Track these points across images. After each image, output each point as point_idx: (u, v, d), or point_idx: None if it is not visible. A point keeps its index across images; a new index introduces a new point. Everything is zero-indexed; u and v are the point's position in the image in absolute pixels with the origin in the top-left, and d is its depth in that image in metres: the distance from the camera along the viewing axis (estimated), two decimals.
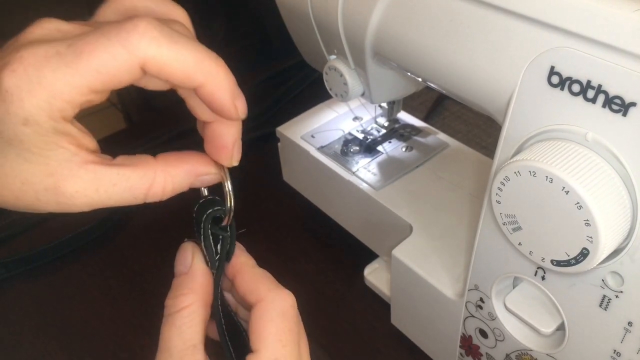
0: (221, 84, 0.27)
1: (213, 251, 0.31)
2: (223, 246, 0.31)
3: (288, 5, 0.48)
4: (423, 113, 0.76)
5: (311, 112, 0.62)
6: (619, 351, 0.32)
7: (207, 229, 0.30)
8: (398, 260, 0.45)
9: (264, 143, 0.67)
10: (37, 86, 0.23)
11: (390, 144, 0.57)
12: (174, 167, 0.28)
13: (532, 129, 0.31)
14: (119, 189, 0.26)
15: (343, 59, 0.47)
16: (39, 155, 0.24)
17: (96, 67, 0.23)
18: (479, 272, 0.38)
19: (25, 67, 0.23)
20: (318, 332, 0.52)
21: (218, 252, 0.31)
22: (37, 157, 0.24)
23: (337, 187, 0.55)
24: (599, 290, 0.31)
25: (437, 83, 0.39)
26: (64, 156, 0.25)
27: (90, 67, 0.23)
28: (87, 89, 0.24)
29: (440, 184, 0.52)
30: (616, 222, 0.28)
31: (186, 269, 0.29)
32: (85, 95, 0.24)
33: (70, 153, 0.25)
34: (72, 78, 0.23)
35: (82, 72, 0.23)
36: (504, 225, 0.32)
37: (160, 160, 0.28)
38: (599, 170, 0.28)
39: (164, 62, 0.25)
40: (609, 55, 0.27)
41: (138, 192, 0.27)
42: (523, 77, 0.31)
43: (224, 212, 0.31)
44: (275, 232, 0.61)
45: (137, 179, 0.26)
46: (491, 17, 0.32)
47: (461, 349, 0.44)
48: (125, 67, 0.24)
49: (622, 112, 0.27)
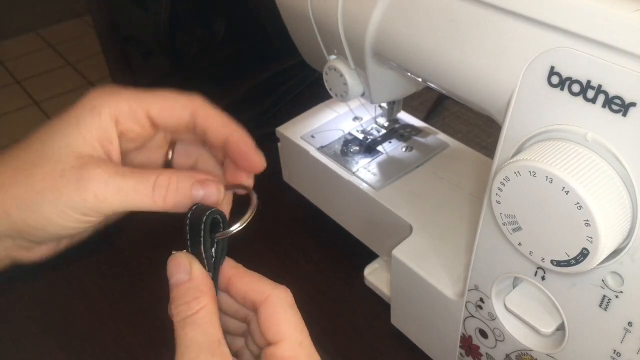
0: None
1: (211, 255, 0.31)
2: (219, 249, 0.31)
3: (288, 5, 0.48)
4: (423, 113, 0.76)
5: (311, 112, 0.62)
6: (619, 351, 0.32)
7: (207, 232, 0.30)
8: (398, 260, 0.45)
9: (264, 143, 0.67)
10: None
11: (390, 144, 0.57)
12: (178, 172, 0.31)
13: (532, 129, 0.31)
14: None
15: (343, 59, 0.47)
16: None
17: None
18: (478, 272, 0.38)
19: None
20: (318, 332, 0.52)
21: (213, 255, 0.31)
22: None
23: (337, 187, 0.55)
24: (599, 290, 0.31)
25: (437, 83, 0.39)
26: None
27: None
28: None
29: (440, 184, 0.52)
30: (616, 222, 0.28)
31: (187, 276, 0.30)
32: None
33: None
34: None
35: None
36: (503, 225, 0.32)
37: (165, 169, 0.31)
38: (599, 170, 0.28)
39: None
40: (609, 55, 0.27)
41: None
42: (523, 77, 0.31)
43: (219, 215, 0.31)
44: (275, 232, 0.61)
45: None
46: (491, 17, 0.32)
47: (461, 349, 0.44)
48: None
49: (622, 112, 0.27)
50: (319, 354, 0.52)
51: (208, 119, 0.33)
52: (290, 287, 0.31)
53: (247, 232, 0.46)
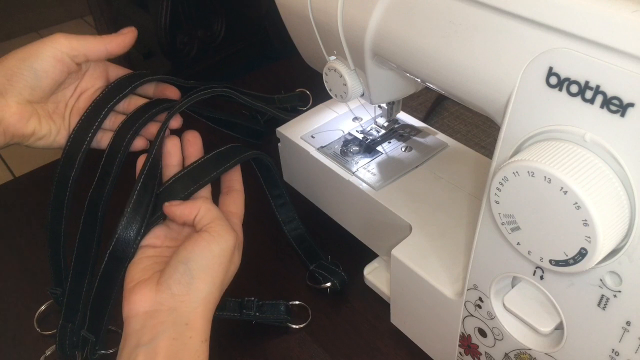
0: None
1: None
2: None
3: (288, 6, 0.48)
4: (422, 113, 0.76)
5: (311, 112, 0.62)
6: (618, 350, 0.33)
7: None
8: (397, 260, 0.45)
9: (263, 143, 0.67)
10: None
11: (389, 144, 0.57)
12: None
13: (530, 130, 0.31)
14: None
15: (343, 60, 0.47)
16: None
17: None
18: (477, 272, 0.39)
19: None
20: (318, 332, 0.53)
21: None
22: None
23: (337, 187, 0.55)
24: (598, 289, 0.31)
25: (436, 84, 0.39)
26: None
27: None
28: None
29: (439, 184, 0.52)
30: (614, 222, 0.28)
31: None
32: None
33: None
34: None
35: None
36: (502, 225, 0.33)
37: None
38: (597, 170, 0.28)
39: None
40: (607, 56, 0.27)
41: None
42: (521, 77, 0.31)
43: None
44: (275, 231, 0.61)
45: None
46: (490, 18, 0.32)
47: (460, 348, 0.44)
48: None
49: (620, 113, 0.27)
50: (319, 353, 0.52)
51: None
52: (290, 286, 0.31)
53: (247, 231, 0.46)
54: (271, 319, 0.52)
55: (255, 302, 0.51)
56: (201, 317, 0.39)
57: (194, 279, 0.39)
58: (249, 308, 0.51)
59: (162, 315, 0.38)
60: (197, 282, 0.39)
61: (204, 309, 0.39)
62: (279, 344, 0.52)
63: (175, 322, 0.37)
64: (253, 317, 0.51)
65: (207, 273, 0.39)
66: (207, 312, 0.39)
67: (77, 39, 0.44)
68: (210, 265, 0.39)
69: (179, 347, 0.37)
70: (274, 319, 0.52)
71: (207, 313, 0.39)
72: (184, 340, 0.37)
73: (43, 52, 0.42)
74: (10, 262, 0.61)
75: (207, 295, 0.39)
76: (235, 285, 0.44)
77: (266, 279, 0.57)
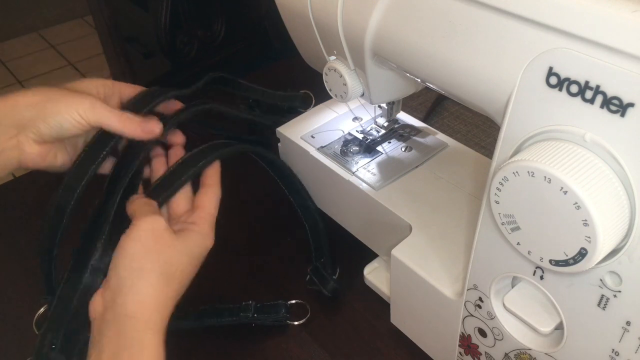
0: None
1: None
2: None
3: (288, 6, 0.48)
4: (422, 113, 0.76)
5: (311, 112, 0.62)
6: (618, 350, 0.32)
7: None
8: (397, 260, 0.45)
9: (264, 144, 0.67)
10: None
11: (389, 144, 0.57)
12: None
13: (530, 130, 0.31)
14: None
15: (343, 60, 0.47)
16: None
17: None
18: (477, 272, 0.39)
19: None
20: (318, 332, 0.53)
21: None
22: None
23: (337, 187, 0.55)
24: (598, 289, 0.31)
25: (436, 84, 0.39)
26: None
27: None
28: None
29: (439, 184, 0.52)
30: (614, 222, 0.28)
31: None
32: None
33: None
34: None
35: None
36: (502, 225, 0.33)
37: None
38: (597, 170, 0.28)
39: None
40: (607, 56, 0.27)
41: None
42: (521, 78, 0.31)
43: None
44: (275, 231, 0.61)
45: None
46: (490, 19, 0.32)
47: (460, 348, 0.44)
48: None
49: (620, 113, 0.27)
50: (318, 353, 0.52)
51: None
52: (290, 286, 0.31)
53: (247, 231, 0.46)
54: (270, 319, 0.52)
55: (252, 305, 0.51)
56: (147, 307, 0.37)
57: (128, 270, 0.38)
58: (246, 311, 0.51)
59: (108, 313, 0.37)
60: (133, 273, 0.37)
61: (151, 299, 0.37)
62: (278, 344, 0.52)
63: (116, 316, 0.36)
64: (252, 319, 0.51)
65: (142, 262, 0.38)
66: (153, 301, 0.37)
67: (103, 113, 0.43)
68: (141, 255, 0.38)
69: (119, 341, 0.36)
70: (274, 319, 0.52)
71: (154, 302, 0.37)
72: (125, 332, 0.36)
73: (69, 114, 0.42)
74: (10, 262, 0.61)
75: (151, 284, 0.37)
76: (235, 285, 0.44)
77: (266, 280, 0.57)
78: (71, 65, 2.28)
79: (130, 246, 0.38)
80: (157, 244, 0.39)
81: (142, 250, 0.38)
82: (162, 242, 0.39)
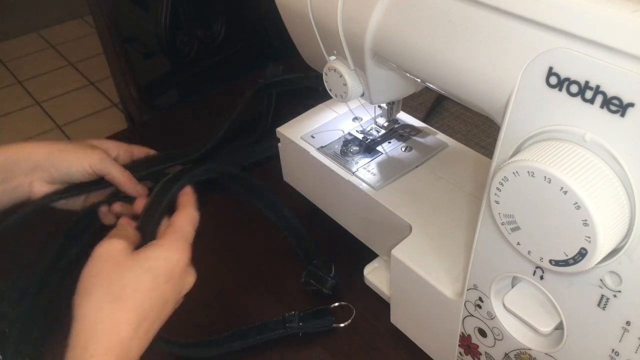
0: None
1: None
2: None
3: (288, 6, 0.49)
4: (422, 113, 0.76)
5: (311, 112, 0.62)
6: (618, 350, 0.33)
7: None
8: (397, 260, 0.45)
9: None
10: None
11: (389, 144, 0.57)
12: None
13: (530, 130, 0.31)
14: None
15: (343, 60, 0.47)
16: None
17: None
18: (477, 272, 0.39)
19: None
20: (317, 331, 0.53)
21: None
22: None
23: (337, 187, 0.55)
24: (597, 289, 0.31)
25: (436, 84, 0.39)
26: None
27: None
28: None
29: (439, 184, 0.52)
30: (614, 222, 0.28)
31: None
32: None
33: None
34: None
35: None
36: (502, 225, 0.33)
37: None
38: (597, 170, 0.28)
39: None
40: (608, 56, 0.27)
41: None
42: (521, 78, 0.31)
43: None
44: (275, 231, 0.61)
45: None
46: (490, 19, 0.32)
47: (460, 348, 0.45)
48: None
49: (620, 113, 0.27)
50: (319, 352, 0.52)
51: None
52: (290, 286, 0.31)
53: (247, 231, 0.46)
54: (318, 324, 0.52)
55: (297, 315, 0.52)
56: (86, 332, 0.35)
57: (80, 295, 0.37)
58: (291, 321, 0.51)
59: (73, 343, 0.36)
60: (80, 297, 0.37)
61: (90, 320, 0.36)
62: (278, 344, 0.52)
63: (75, 348, 0.35)
64: (297, 328, 0.51)
65: (86, 285, 0.37)
66: (92, 322, 0.36)
67: (110, 167, 0.52)
68: (87, 278, 0.37)
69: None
70: (321, 325, 0.52)
71: (93, 324, 0.36)
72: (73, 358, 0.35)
73: (79, 164, 0.51)
74: (10, 262, 0.61)
75: (93, 305, 0.36)
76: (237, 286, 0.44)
77: (266, 280, 0.57)
78: (71, 65, 2.28)
79: (83, 272, 0.38)
80: (106, 264, 0.38)
81: (89, 274, 0.38)
82: (112, 262, 0.38)
